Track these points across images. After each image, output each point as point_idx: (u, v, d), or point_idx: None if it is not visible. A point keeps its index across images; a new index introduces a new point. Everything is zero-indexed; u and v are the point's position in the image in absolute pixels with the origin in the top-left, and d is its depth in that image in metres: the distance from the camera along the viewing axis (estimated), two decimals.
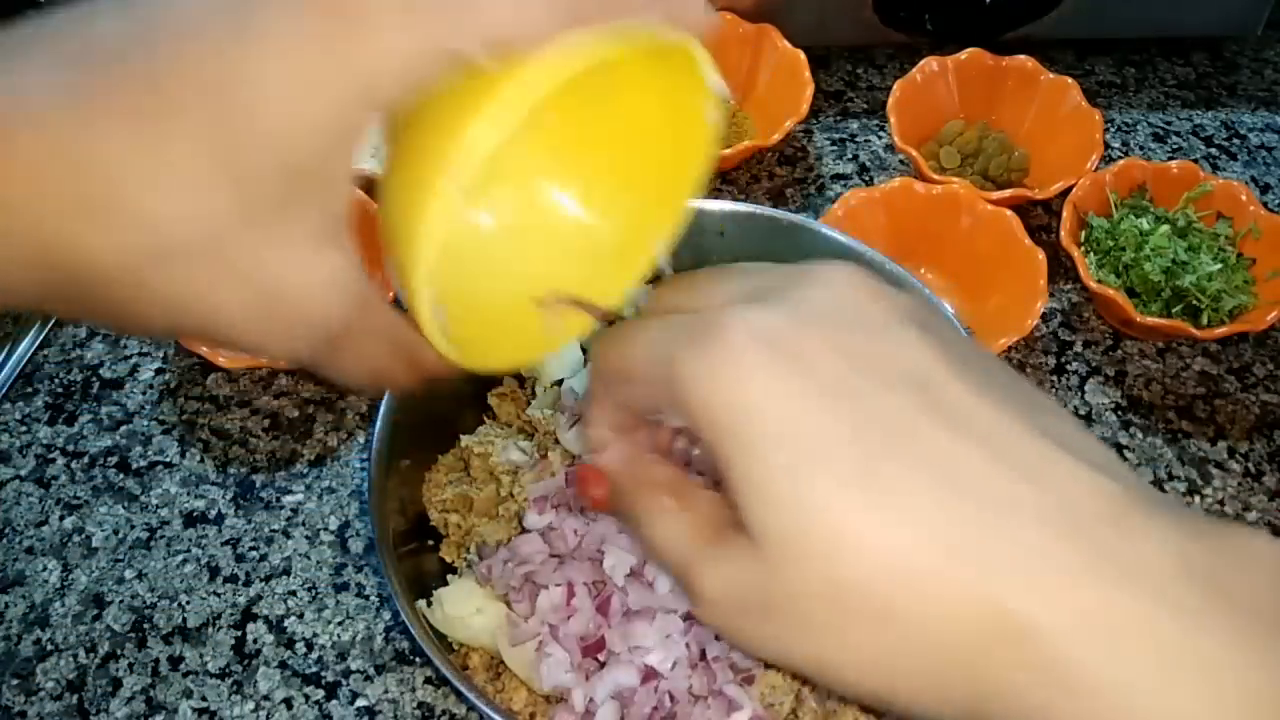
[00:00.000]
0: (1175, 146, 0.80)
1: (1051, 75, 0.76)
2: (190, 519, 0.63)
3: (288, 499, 0.63)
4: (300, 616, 0.59)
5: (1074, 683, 0.24)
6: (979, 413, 0.27)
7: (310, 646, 0.58)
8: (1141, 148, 0.80)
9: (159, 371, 0.69)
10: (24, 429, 0.66)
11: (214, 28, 0.26)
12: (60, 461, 0.65)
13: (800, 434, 0.27)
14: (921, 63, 0.76)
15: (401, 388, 0.36)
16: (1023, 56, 0.76)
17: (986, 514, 0.26)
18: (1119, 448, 0.66)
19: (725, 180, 0.78)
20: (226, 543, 0.62)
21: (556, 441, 0.55)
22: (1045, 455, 0.27)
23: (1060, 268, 0.72)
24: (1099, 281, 0.67)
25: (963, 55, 0.77)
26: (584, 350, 0.60)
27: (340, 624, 0.59)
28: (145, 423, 0.66)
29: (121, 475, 0.64)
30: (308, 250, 0.29)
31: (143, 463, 0.65)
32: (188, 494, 0.64)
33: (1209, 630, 0.24)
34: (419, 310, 0.31)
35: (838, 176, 0.78)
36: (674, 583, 0.47)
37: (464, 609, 0.52)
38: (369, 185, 0.34)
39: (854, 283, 0.30)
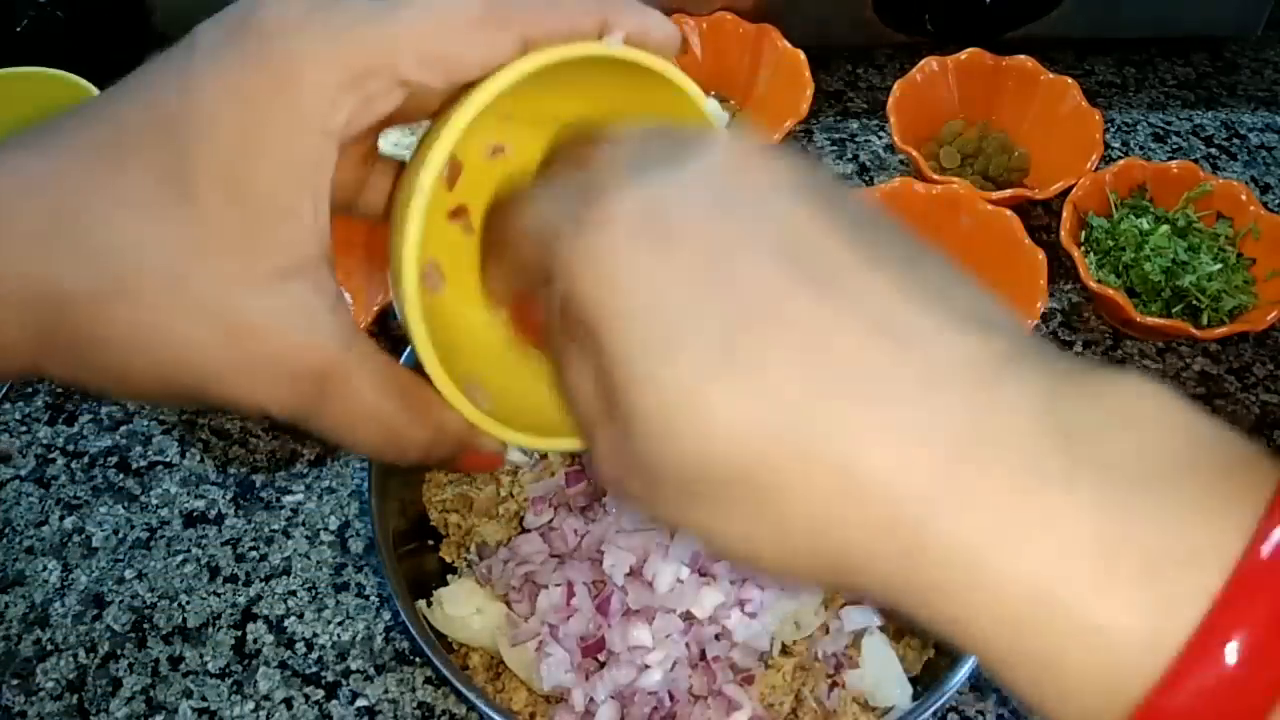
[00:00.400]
0: (1175, 146, 0.80)
1: (1051, 75, 0.76)
2: (190, 519, 0.63)
3: (288, 499, 0.63)
4: (300, 616, 0.59)
5: (922, 547, 0.24)
6: (850, 276, 0.26)
7: (310, 646, 0.58)
8: (1141, 148, 0.80)
9: None
10: (24, 429, 0.66)
11: (170, 76, 0.28)
12: (60, 461, 0.65)
13: (662, 310, 0.26)
14: (921, 63, 0.76)
15: (416, 456, 0.34)
16: (1023, 56, 0.76)
17: (845, 379, 0.25)
18: None
19: None
20: (226, 543, 0.62)
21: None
22: (916, 314, 0.26)
23: (1060, 268, 0.72)
24: (1099, 281, 0.67)
25: (963, 55, 0.77)
26: None
27: (340, 624, 0.59)
28: (145, 423, 0.66)
29: (121, 475, 0.64)
30: (270, 283, 0.29)
31: (143, 463, 0.65)
32: (188, 494, 0.64)
33: (1062, 487, 0.23)
34: (417, 343, 0.30)
35: (838, 176, 0.78)
36: (674, 582, 0.47)
37: (464, 609, 0.52)
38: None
39: (737, 150, 0.29)
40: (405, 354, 0.51)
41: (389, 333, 0.70)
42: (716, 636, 0.47)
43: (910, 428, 0.24)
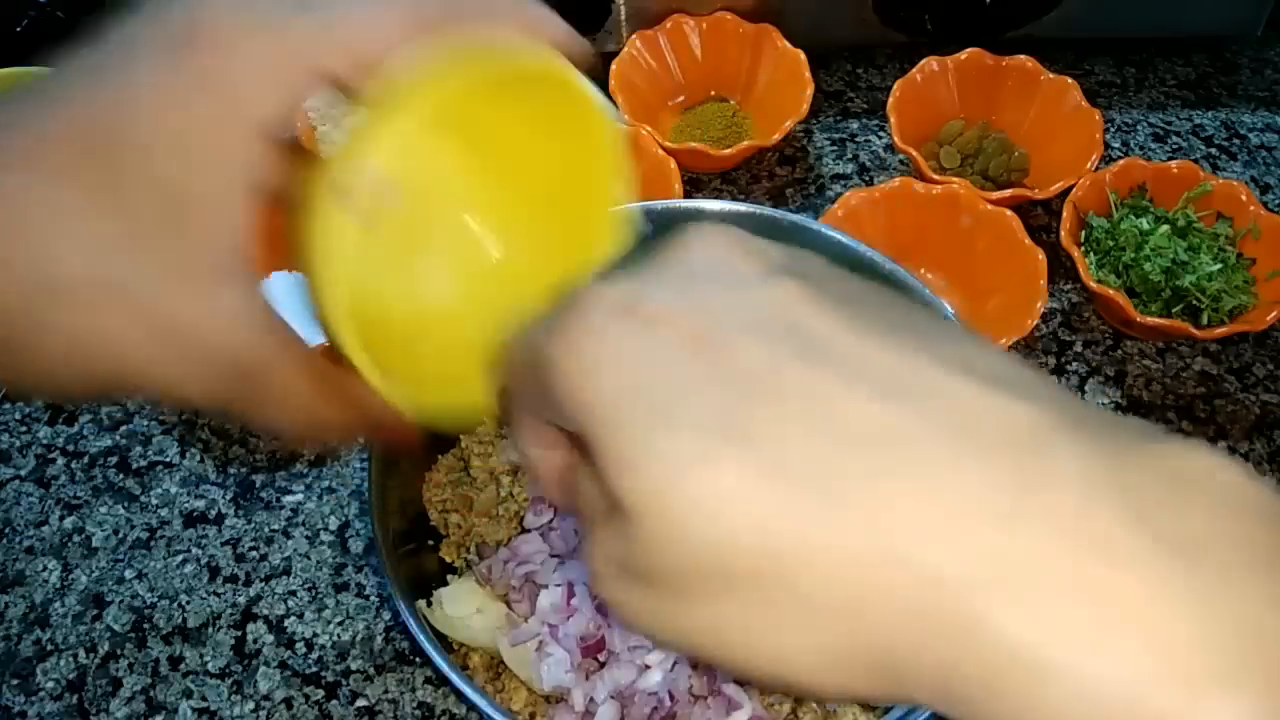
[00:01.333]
0: (1175, 146, 0.80)
1: (1051, 75, 0.76)
2: (190, 519, 0.63)
3: (288, 499, 0.63)
4: (300, 616, 0.59)
5: (977, 641, 0.21)
6: (856, 348, 0.24)
7: (310, 646, 0.58)
8: (1141, 148, 0.80)
9: None
10: (24, 429, 0.66)
11: (95, 78, 0.29)
12: (60, 461, 0.65)
13: (652, 393, 0.25)
14: (921, 63, 0.76)
15: (341, 438, 0.35)
16: (1023, 56, 0.76)
17: (868, 453, 0.22)
18: None
19: (725, 180, 0.78)
20: (226, 543, 0.62)
21: None
22: (937, 380, 0.23)
23: (1060, 268, 0.72)
24: (1099, 281, 0.67)
25: (963, 55, 0.77)
26: None
27: (340, 624, 0.59)
28: (145, 423, 0.66)
29: (121, 475, 0.64)
30: (203, 282, 0.29)
31: (143, 463, 0.65)
32: (188, 494, 0.64)
33: (1139, 572, 0.20)
34: (333, 327, 0.30)
35: (838, 176, 0.78)
36: None
37: (464, 609, 0.52)
38: None
39: (718, 241, 0.28)
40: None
41: None
42: None
43: (949, 500, 0.22)
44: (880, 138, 0.80)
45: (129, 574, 0.61)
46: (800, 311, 0.25)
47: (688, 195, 0.75)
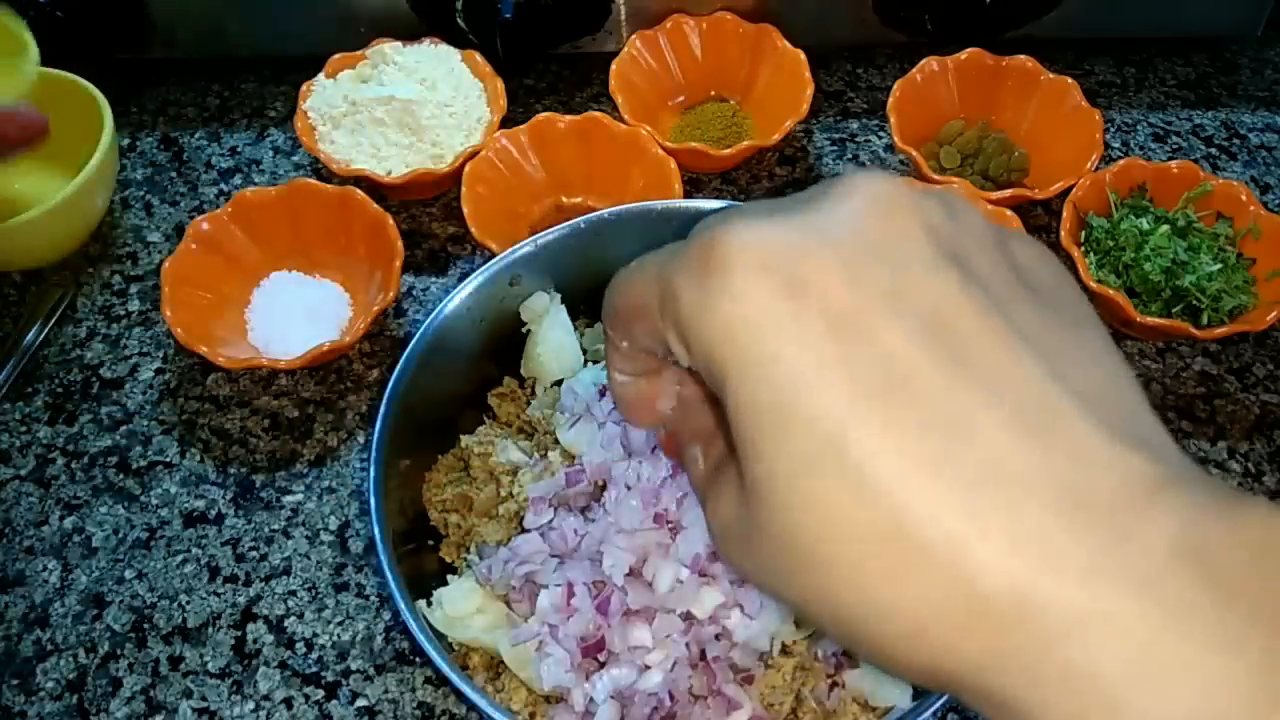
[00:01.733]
0: (1175, 146, 0.80)
1: (1051, 75, 0.76)
2: (190, 519, 0.63)
3: (288, 499, 0.63)
4: (300, 616, 0.59)
5: (1050, 669, 0.22)
6: (1003, 365, 0.24)
7: (310, 646, 0.58)
8: (1141, 148, 0.80)
9: (159, 371, 0.69)
10: (24, 429, 0.66)
11: None
12: (60, 461, 0.65)
13: (793, 367, 0.25)
14: (921, 63, 0.76)
15: None
16: (1023, 56, 0.76)
17: (989, 478, 0.23)
18: None
19: (725, 180, 0.78)
20: (226, 543, 0.62)
21: (556, 441, 0.55)
22: (1068, 421, 0.24)
23: None
24: (1099, 281, 0.67)
25: (963, 55, 0.77)
26: (584, 351, 0.60)
27: (340, 624, 0.59)
28: (145, 423, 0.66)
29: (121, 475, 0.64)
30: None
31: (143, 463, 0.65)
32: (188, 494, 0.64)
33: (1197, 629, 0.22)
34: None
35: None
36: (674, 582, 0.47)
37: (464, 609, 0.52)
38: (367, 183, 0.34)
39: (880, 196, 0.26)
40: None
41: (388, 332, 0.70)
42: (716, 637, 0.47)
43: (1048, 541, 0.23)
44: (880, 138, 0.80)
45: (129, 574, 0.61)
46: (958, 311, 0.25)
47: (688, 195, 0.75)
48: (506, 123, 0.75)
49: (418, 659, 0.58)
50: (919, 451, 0.23)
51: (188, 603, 0.60)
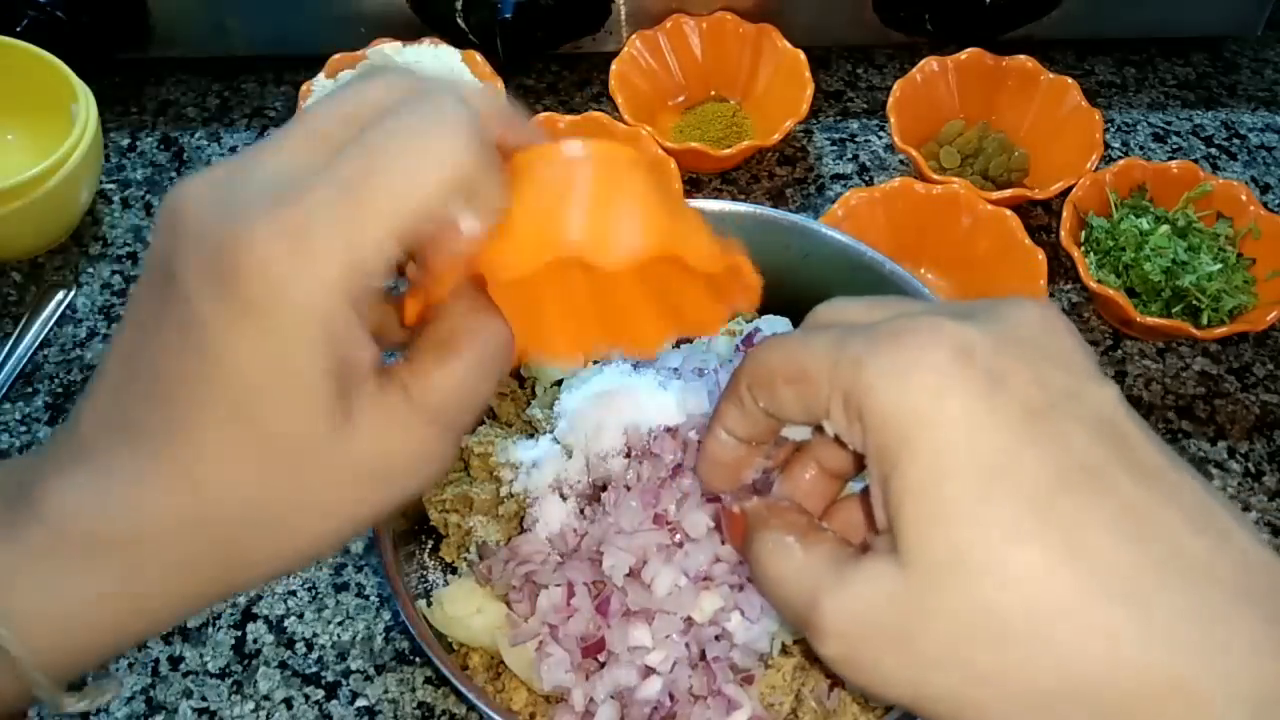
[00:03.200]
0: (1175, 146, 0.80)
1: (1051, 75, 0.76)
2: None
3: None
4: (300, 616, 0.59)
5: None
6: (1164, 469, 0.27)
7: (310, 646, 0.58)
8: (1141, 148, 0.80)
9: None
10: (24, 429, 0.66)
11: (174, 332, 0.28)
12: None
13: (986, 454, 0.26)
14: (921, 63, 0.76)
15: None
16: (1023, 56, 0.76)
17: (1170, 571, 0.25)
18: None
19: (725, 180, 0.78)
20: None
21: (555, 440, 0.55)
22: (1231, 525, 0.26)
23: (1060, 268, 0.72)
24: (1099, 281, 0.67)
25: (963, 55, 0.77)
26: None
27: (340, 624, 0.59)
28: None
29: None
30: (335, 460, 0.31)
31: None
32: None
33: None
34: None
35: (838, 176, 0.78)
36: (673, 586, 0.47)
37: (464, 609, 0.52)
38: None
39: (1051, 316, 0.29)
40: None
41: None
42: (716, 637, 0.47)
43: (1239, 638, 0.25)
44: (880, 138, 0.80)
45: None
46: (1122, 421, 0.28)
47: (688, 195, 0.75)
48: None
49: (418, 659, 0.58)
50: (1114, 541, 0.25)
51: None
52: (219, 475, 0.28)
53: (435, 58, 0.76)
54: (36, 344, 0.69)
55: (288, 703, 0.57)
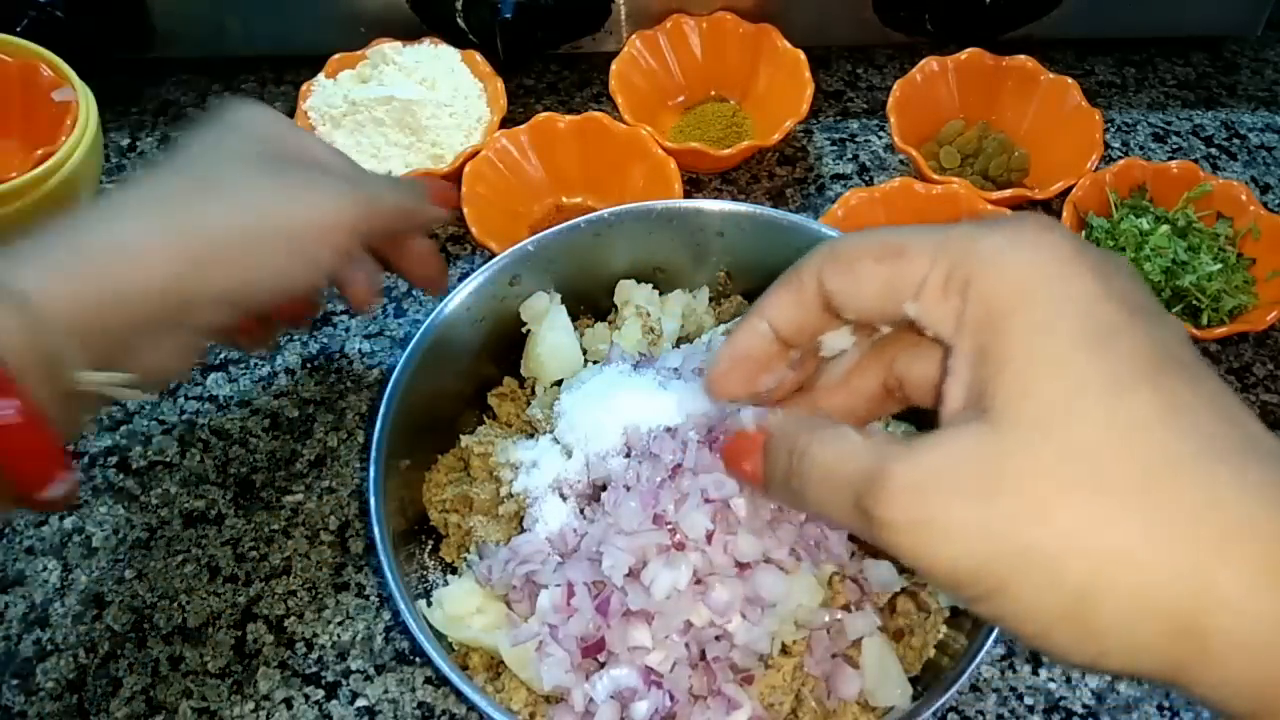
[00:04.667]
0: (1175, 146, 0.80)
1: (1051, 75, 0.76)
2: (190, 519, 0.63)
3: (288, 499, 0.63)
4: (300, 616, 0.59)
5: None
6: (1230, 391, 0.29)
7: (310, 646, 0.58)
8: (1141, 148, 0.80)
9: None
10: None
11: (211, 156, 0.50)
12: None
13: (1100, 319, 0.28)
14: (921, 63, 0.76)
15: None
16: (1023, 56, 0.76)
17: (1259, 449, 0.27)
18: None
19: (725, 180, 0.78)
20: (226, 543, 0.62)
21: (555, 440, 0.55)
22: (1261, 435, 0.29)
23: None
24: None
25: (963, 55, 0.77)
26: (584, 351, 0.60)
27: (340, 624, 0.59)
28: (145, 423, 0.66)
29: (121, 475, 0.64)
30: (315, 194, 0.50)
31: (143, 463, 0.65)
32: (188, 494, 0.64)
33: None
34: None
35: (838, 176, 0.78)
36: (671, 589, 0.47)
37: (464, 609, 0.52)
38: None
39: (1133, 266, 0.34)
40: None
41: (388, 333, 0.70)
42: (717, 637, 0.47)
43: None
44: (880, 138, 0.80)
45: (129, 574, 0.61)
46: (1187, 339, 0.30)
47: (688, 195, 0.75)
48: (506, 123, 0.75)
49: (418, 659, 0.58)
50: (1211, 415, 0.28)
51: (188, 603, 0.60)
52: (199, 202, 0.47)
53: (435, 58, 0.76)
54: None
55: (288, 703, 0.57)
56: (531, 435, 0.58)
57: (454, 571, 0.56)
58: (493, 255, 0.61)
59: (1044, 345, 0.28)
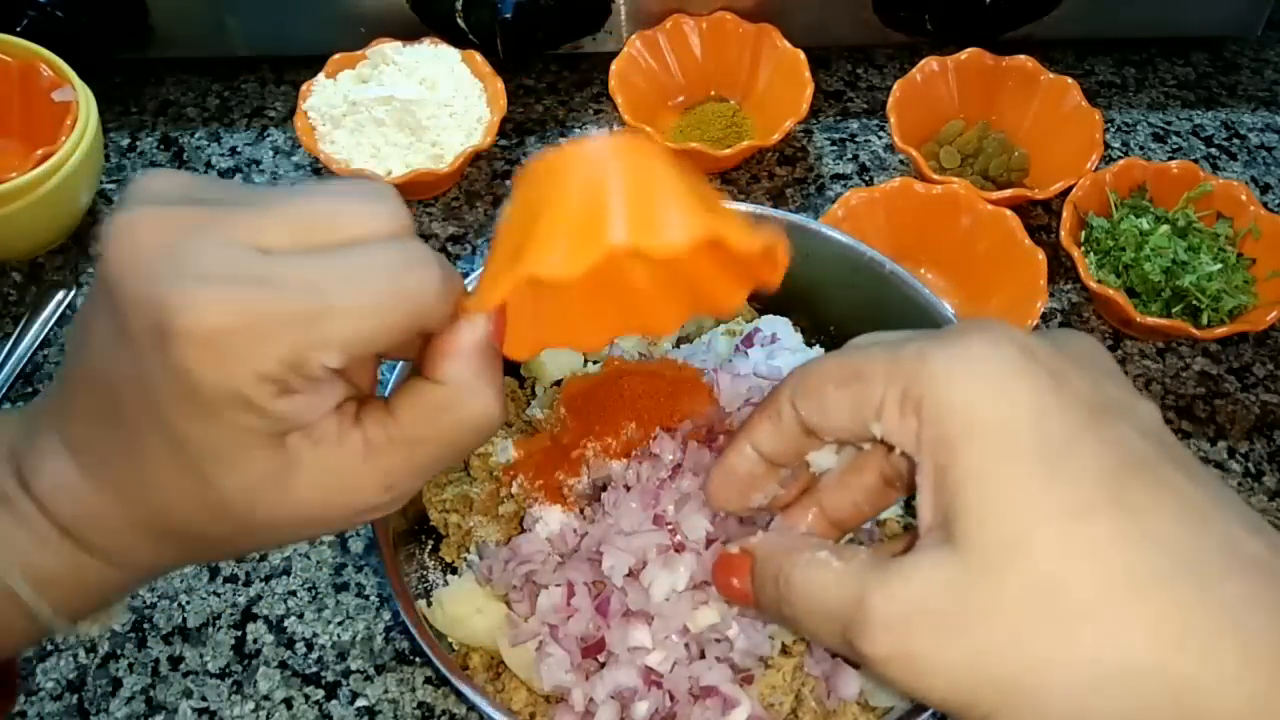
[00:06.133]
0: (1175, 146, 0.80)
1: (1051, 75, 0.76)
2: None
3: None
4: (300, 616, 0.59)
5: None
6: (1212, 480, 0.29)
7: (310, 646, 0.58)
8: (1141, 148, 0.80)
9: None
10: None
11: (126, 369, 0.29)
12: None
13: (1052, 437, 0.27)
14: (921, 63, 0.76)
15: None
16: (1023, 56, 0.76)
17: (1234, 561, 0.27)
18: None
19: (725, 180, 0.78)
20: None
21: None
22: (1274, 533, 0.28)
23: (1060, 268, 0.72)
24: (1099, 281, 0.67)
25: (963, 55, 0.77)
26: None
27: (340, 624, 0.59)
28: None
29: None
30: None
31: None
32: None
33: None
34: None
35: (838, 176, 0.78)
36: (670, 592, 0.47)
37: (464, 609, 0.52)
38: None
39: (1097, 343, 0.32)
40: None
41: None
42: (716, 639, 0.47)
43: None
44: (880, 138, 0.80)
45: None
46: (1171, 437, 0.30)
47: None
48: (506, 122, 0.75)
49: (418, 659, 0.58)
50: (1177, 528, 0.27)
51: (188, 603, 0.60)
52: (164, 503, 0.30)
53: (435, 58, 0.76)
54: (36, 344, 0.69)
55: (288, 703, 0.57)
56: (532, 435, 0.58)
57: (454, 571, 0.56)
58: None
59: (996, 472, 0.28)
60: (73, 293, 0.72)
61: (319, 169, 0.78)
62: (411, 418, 0.31)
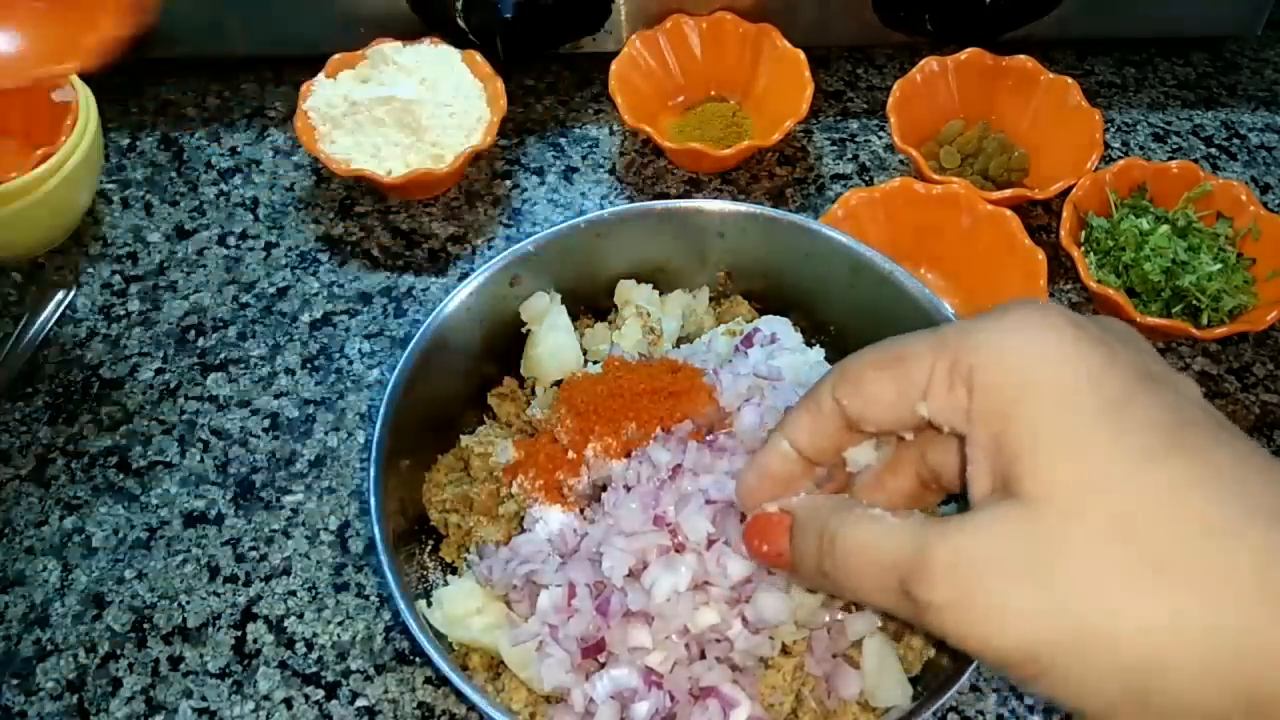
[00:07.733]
0: (1175, 146, 0.80)
1: (1051, 75, 0.76)
2: (190, 519, 0.63)
3: (288, 499, 0.63)
4: (300, 616, 0.59)
5: None
6: (1259, 448, 0.29)
7: (310, 646, 0.58)
8: (1141, 148, 0.80)
9: (159, 371, 0.69)
10: (24, 429, 0.66)
11: None
12: (60, 461, 0.65)
13: (1112, 391, 0.28)
14: (921, 63, 0.76)
15: None
16: (1023, 56, 0.76)
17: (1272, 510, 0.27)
18: None
19: (725, 180, 0.78)
20: (226, 543, 0.62)
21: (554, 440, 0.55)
22: None
23: (1060, 268, 0.72)
24: (1099, 281, 0.67)
25: (963, 55, 0.77)
26: (584, 351, 0.60)
27: (340, 624, 0.59)
28: (145, 423, 0.66)
29: (121, 475, 0.64)
30: None
31: (143, 463, 0.65)
32: (188, 494, 0.64)
33: None
34: None
35: (838, 176, 0.78)
36: (671, 593, 0.47)
37: (464, 609, 0.52)
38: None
39: (1132, 328, 0.32)
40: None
41: (388, 332, 0.70)
42: (717, 640, 0.47)
43: None
44: (880, 138, 0.80)
45: (129, 574, 0.61)
46: (1204, 403, 0.30)
47: (688, 195, 0.75)
48: (506, 122, 0.75)
49: (418, 659, 0.58)
50: (1243, 471, 0.27)
51: (188, 603, 0.60)
52: None
53: (435, 58, 0.76)
54: (36, 344, 0.69)
55: (288, 703, 0.56)
56: (532, 435, 0.58)
57: (454, 571, 0.56)
58: (492, 255, 0.61)
59: (1061, 426, 0.28)
60: (72, 293, 0.72)
61: (319, 169, 0.78)
62: None
